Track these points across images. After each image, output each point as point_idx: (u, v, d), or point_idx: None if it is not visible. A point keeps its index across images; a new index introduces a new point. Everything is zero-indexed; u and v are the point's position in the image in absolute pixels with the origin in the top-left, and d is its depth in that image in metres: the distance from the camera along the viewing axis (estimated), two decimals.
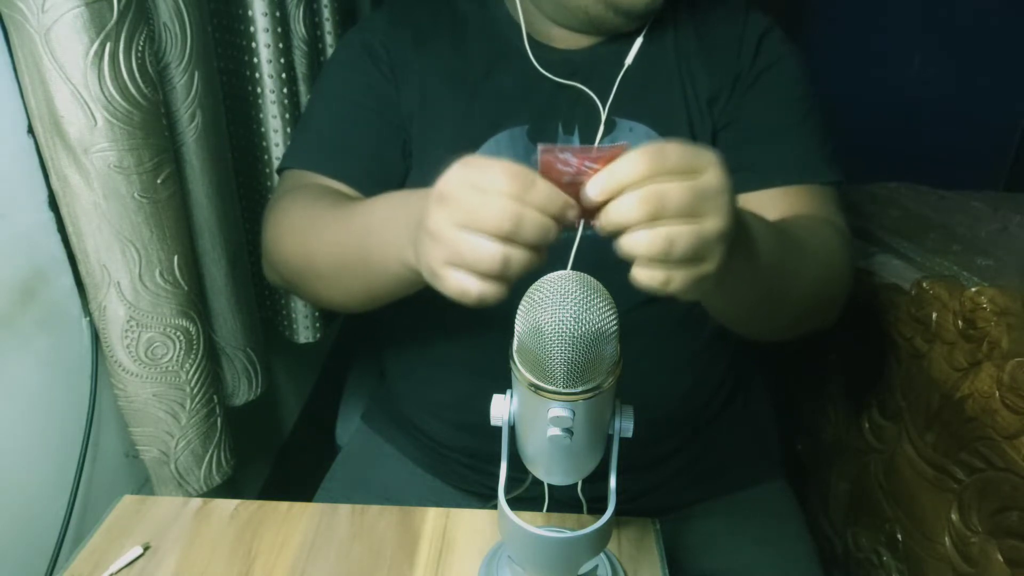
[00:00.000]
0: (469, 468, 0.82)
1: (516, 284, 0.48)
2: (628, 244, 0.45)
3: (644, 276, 0.45)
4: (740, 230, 0.51)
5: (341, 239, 0.66)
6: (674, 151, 0.45)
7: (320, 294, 0.75)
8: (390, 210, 0.60)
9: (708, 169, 0.46)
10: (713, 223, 0.45)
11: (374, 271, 0.62)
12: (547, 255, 0.48)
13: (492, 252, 0.45)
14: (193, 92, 0.83)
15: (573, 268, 0.47)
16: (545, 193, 0.45)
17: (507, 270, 0.46)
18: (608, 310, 0.46)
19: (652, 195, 0.44)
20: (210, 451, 0.90)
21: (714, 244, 0.46)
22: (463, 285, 0.47)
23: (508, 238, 0.45)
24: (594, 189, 0.45)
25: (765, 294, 0.61)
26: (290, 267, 0.75)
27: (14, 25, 0.66)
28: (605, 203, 0.45)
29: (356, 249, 0.63)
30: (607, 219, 0.45)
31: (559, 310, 0.45)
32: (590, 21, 0.76)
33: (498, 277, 0.47)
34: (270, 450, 1.41)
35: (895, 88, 2.29)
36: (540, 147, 0.46)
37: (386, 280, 0.62)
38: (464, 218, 0.46)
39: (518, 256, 0.46)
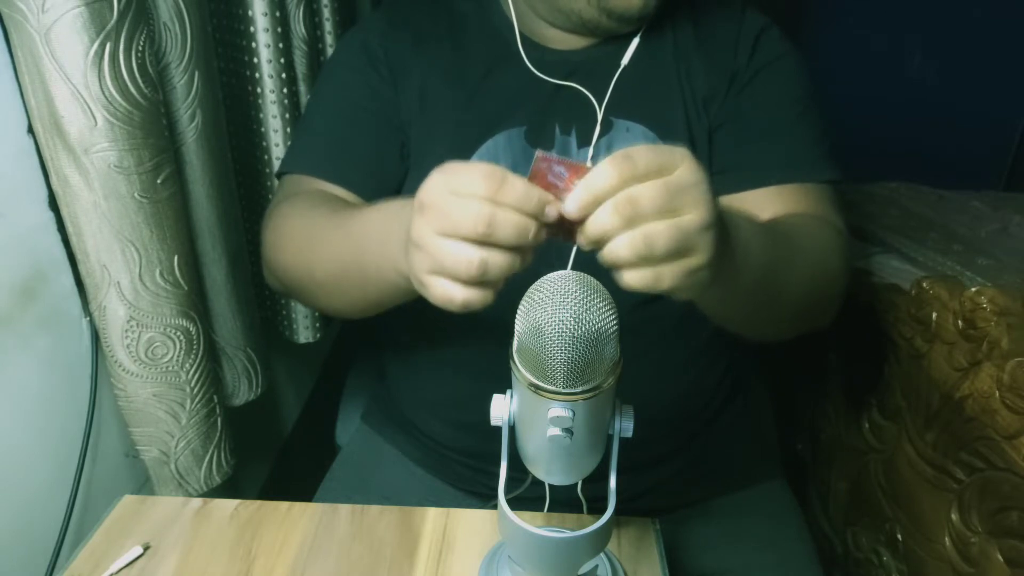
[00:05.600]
0: (469, 468, 0.82)
1: (516, 285, 0.48)
2: (609, 251, 0.45)
3: (633, 277, 0.45)
4: (724, 229, 0.50)
5: (339, 249, 0.66)
6: (642, 154, 0.45)
7: (320, 301, 0.75)
8: (385, 220, 0.60)
9: (680, 165, 0.46)
10: (692, 215, 0.45)
11: (371, 280, 0.62)
12: (532, 258, 0.47)
13: (469, 257, 0.45)
14: (193, 92, 0.83)
15: (573, 268, 0.47)
16: (519, 191, 0.45)
17: (487, 275, 0.46)
18: (608, 310, 0.46)
19: (624, 201, 0.44)
20: (210, 451, 0.90)
21: (698, 235, 0.46)
22: (447, 293, 0.47)
23: (485, 241, 0.45)
24: (572, 206, 0.45)
25: (757, 294, 0.61)
26: (289, 275, 0.75)
27: (14, 25, 0.66)
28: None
29: (353, 259, 0.63)
30: (588, 234, 0.45)
31: (559, 310, 0.45)
32: (584, 24, 0.76)
33: (480, 283, 0.47)
34: (270, 450, 1.41)
35: (895, 88, 2.29)
36: (538, 153, 0.46)
37: (383, 289, 0.62)
38: (442, 225, 0.46)
39: (497, 260, 0.46)
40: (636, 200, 0.44)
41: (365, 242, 0.62)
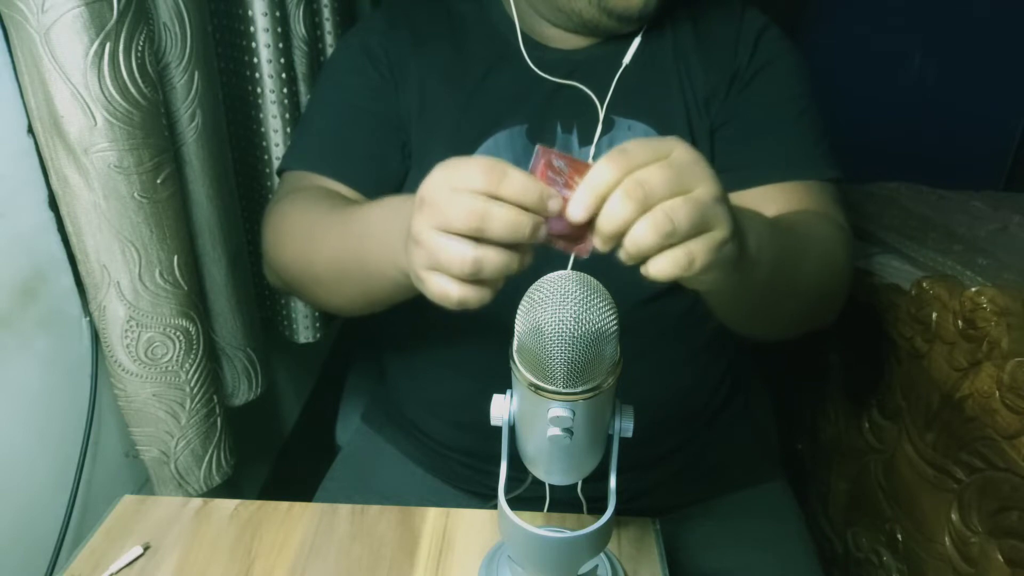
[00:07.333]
0: (469, 468, 0.82)
1: (516, 284, 0.48)
2: (632, 240, 0.43)
3: (666, 262, 0.44)
4: (735, 216, 0.50)
5: (339, 245, 0.66)
6: (637, 145, 0.45)
7: (320, 299, 0.75)
8: (386, 215, 0.60)
9: (675, 148, 0.45)
10: (703, 189, 0.45)
11: (372, 277, 0.62)
12: (531, 258, 0.47)
13: (463, 254, 0.45)
14: (193, 92, 0.83)
15: (573, 268, 0.47)
16: (518, 185, 0.44)
17: (481, 273, 0.45)
18: (608, 310, 0.46)
19: (633, 185, 0.43)
20: (210, 451, 0.90)
21: (713, 207, 0.45)
22: (443, 289, 0.47)
23: (478, 237, 0.44)
24: (577, 209, 0.44)
25: (770, 290, 0.61)
26: (290, 272, 0.75)
27: (14, 25, 0.66)
28: (591, 224, 0.44)
29: (354, 255, 0.63)
30: (603, 231, 0.44)
31: (559, 310, 0.45)
32: (584, 24, 0.76)
33: (474, 280, 0.46)
34: (270, 450, 1.41)
35: (895, 88, 2.29)
36: (538, 147, 0.46)
37: (383, 285, 0.61)
38: (438, 220, 0.45)
39: (492, 258, 0.45)
40: (644, 182, 0.43)
41: (366, 238, 0.62)
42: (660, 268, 0.44)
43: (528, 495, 0.67)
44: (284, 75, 1.00)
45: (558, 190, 0.45)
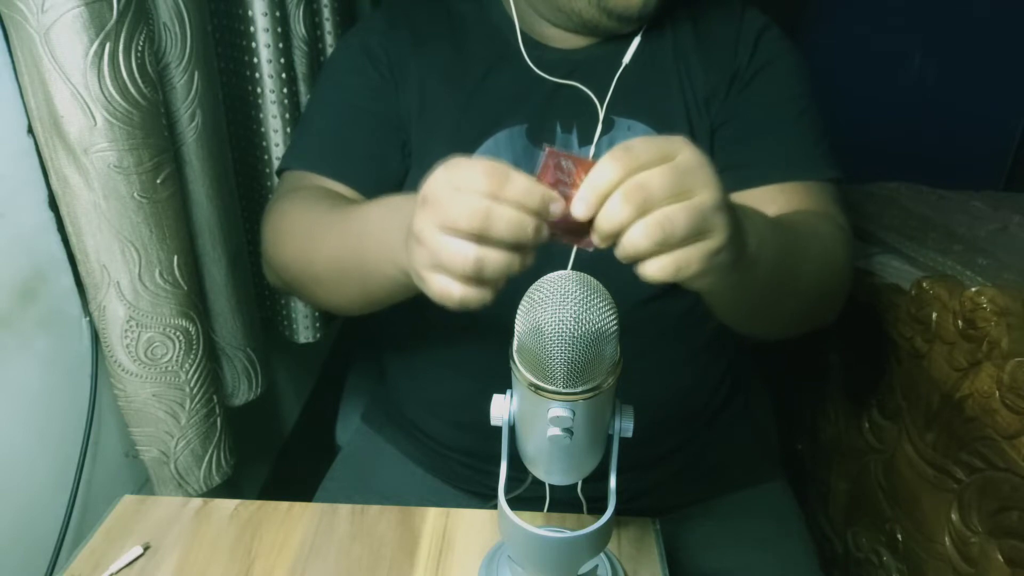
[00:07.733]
0: (469, 468, 0.82)
1: (517, 284, 0.48)
2: (627, 242, 0.44)
3: (656, 267, 0.44)
4: (736, 215, 0.50)
5: (338, 244, 0.65)
6: (642, 144, 0.45)
7: (320, 298, 0.75)
8: (385, 214, 0.60)
9: (681, 150, 0.45)
10: (703, 195, 0.45)
11: (371, 276, 0.62)
12: (533, 259, 0.47)
13: (465, 254, 0.45)
14: (193, 92, 0.83)
15: (573, 268, 0.47)
16: (521, 187, 0.44)
17: (483, 272, 0.45)
18: (608, 310, 0.46)
19: (634, 188, 0.43)
20: (210, 451, 0.90)
21: (713, 215, 0.45)
22: (444, 288, 0.47)
23: (481, 237, 0.44)
24: (580, 206, 0.44)
25: (771, 288, 0.61)
26: (289, 272, 0.75)
27: (14, 25, 0.66)
28: (594, 220, 0.44)
29: (353, 254, 0.63)
30: (601, 230, 0.44)
31: (559, 310, 0.45)
32: (584, 24, 0.76)
33: (476, 280, 0.46)
34: (270, 450, 1.41)
35: (895, 88, 2.29)
36: (547, 148, 0.46)
37: (383, 284, 0.61)
38: (441, 219, 0.45)
39: (494, 258, 0.45)
40: (645, 185, 0.43)
41: (365, 237, 0.62)
42: (653, 271, 0.45)
43: (528, 495, 0.67)
44: (284, 75, 1.00)
45: (564, 190, 0.45)
